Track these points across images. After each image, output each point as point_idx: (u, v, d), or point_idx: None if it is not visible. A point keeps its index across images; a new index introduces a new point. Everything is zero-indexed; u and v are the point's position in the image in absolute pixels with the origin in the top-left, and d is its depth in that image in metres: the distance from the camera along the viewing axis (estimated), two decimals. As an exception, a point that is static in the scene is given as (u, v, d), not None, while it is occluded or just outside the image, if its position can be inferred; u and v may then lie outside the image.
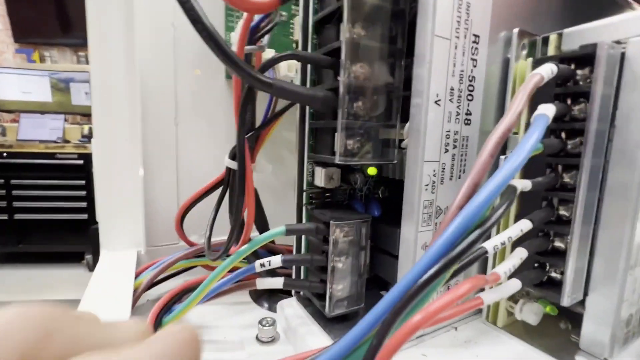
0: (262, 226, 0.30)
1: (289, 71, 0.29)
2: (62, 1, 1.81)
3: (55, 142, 1.64)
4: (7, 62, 1.90)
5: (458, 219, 0.13)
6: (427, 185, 0.19)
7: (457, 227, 0.13)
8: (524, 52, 0.21)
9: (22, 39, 1.88)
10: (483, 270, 0.22)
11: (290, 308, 0.24)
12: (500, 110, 0.21)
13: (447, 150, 0.19)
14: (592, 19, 0.20)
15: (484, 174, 0.14)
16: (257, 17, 0.22)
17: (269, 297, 0.29)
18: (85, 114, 1.91)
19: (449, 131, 0.19)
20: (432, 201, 0.19)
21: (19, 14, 1.83)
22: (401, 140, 0.21)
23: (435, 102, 0.18)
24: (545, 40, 0.21)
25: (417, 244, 0.19)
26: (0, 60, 1.90)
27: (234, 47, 0.21)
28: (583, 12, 0.24)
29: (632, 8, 0.29)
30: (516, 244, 0.19)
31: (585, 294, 0.19)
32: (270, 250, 0.31)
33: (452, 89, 0.19)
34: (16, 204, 1.49)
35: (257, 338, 0.24)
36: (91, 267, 1.55)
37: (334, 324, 0.22)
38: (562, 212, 0.19)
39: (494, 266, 0.22)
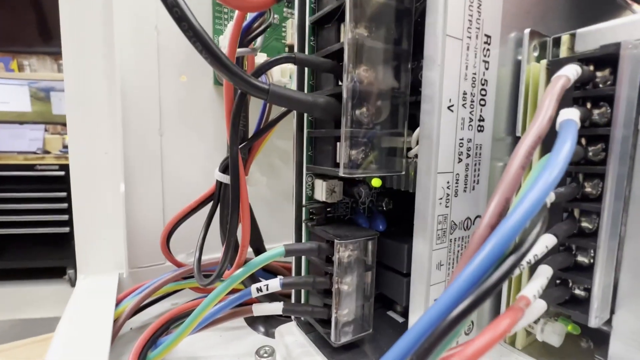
0: (257, 243, 0.28)
1: (282, 76, 0.27)
2: (41, 8, 1.76)
3: (34, 153, 1.57)
4: (-18, 72, 1.83)
5: (492, 240, 0.11)
6: (441, 198, 0.17)
7: (491, 251, 0.11)
8: (535, 54, 0.20)
9: (0, 47, 1.81)
10: (498, 292, 0.21)
11: (291, 335, 0.22)
12: (513, 116, 0.20)
13: (460, 160, 0.18)
14: (596, 20, 0.19)
15: (515, 187, 0.12)
16: (248, 18, 0.20)
17: (266, 321, 0.27)
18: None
19: (462, 139, 0.17)
20: (446, 216, 0.18)
21: (-4, 21, 1.76)
22: (409, 149, 0.20)
23: (448, 107, 0.17)
24: (557, 41, 0.19)
25: (431, 263, 0.17)
26: (-24, 69, 1.83)
27: (224, 50, 0.19)
28: (588, 12, 0.23)
29: (631, 10, 0.29)
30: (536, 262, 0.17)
31: (612, 311, 0.18)
32: (266, 269, 0.28)
33: (464, 93, 0.17)
34: (-7, 218, 1.41)
35: (254, 370, 0.21)
36: (73, 283, 1.48)
37: (340, 353, 0.20)
38: (585, 224, 0.18)
39: (509, 287, 0.20)
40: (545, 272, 0.16)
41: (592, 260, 0.17)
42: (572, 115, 0.14)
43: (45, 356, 0.19)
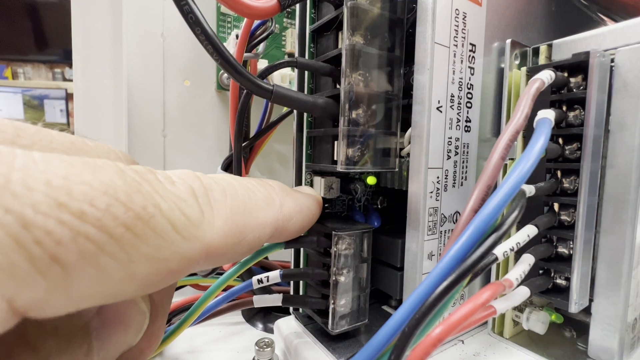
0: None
1: (282, 82, 0.28)
2: (37, 17, 1.77)
3: (26, 161, 1.56)
4: (-24, 79, 1.82)
5: (475, 222, 0.12)
6: (431, 192, 0.18)
7: (474, 231, 0.12)
8: (517, 62, 0.21)
9: (-6, 55, 1.81)
10: (486, 281, 0.22)
11: (289, 327, 0.23)
12: (497, 118, 0.22)
13: (449, 157, 0.19)
14: (573, 33, 0.20)
15: (497, 176, 0.13)
16: (252, 25, 0.21)
17: (264, 317, 0.28)
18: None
19: (450, 138, 0.19)
20: (436, 209, 0.19)
21: (-8, 29, 1.77)
22: (401, 149, 0.21)
23: (437, 108, 0.18)
24: (536, 51, 0.21)
25: (423, 253, 0.19)
26: (-31, 76, 1.82)
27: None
28: (564, 26, 0.26)
29: (605, 24, 0.31)
30: (519, 251, 0.19)
31: (591, 299, 0.19)
32: (264, 266, 0.29)
33: (452, 95, 0.19)
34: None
35: (253, 361, 0.22)
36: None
37: (337, 342, 0.20)
38: (564, 217, 0.19)
39: (497, 276, 0.21)
40: (527, 260, 0.17)
41: (570, 251, 0.19)
42: (547, 114, 0.16)
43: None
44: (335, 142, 0.20)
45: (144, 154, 0.30)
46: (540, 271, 0.20)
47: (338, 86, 0.20)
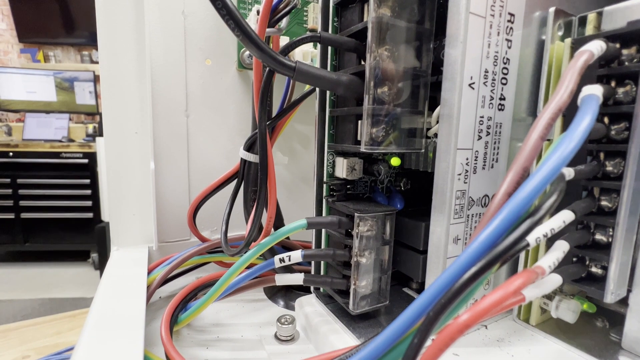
0: (277, 222, 0.29)
1: (304, 59, 0.28)
2: (65, 1, 1.81)
3: (60, 141, 1.65)
4: (12, 62, 1.91)
5: (509, 206, 0.11)
6: (459, 174, 0.18)
7: (507, 216, 0.11)
8: (560, 33, 0.19)
9: (27, 38, 1.89)
10: (514, 267, 0.21)
11: (310, 306, 0.23)
12: (534, 96, 0.20)
13: (480, 138, 0.18)
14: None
15: (534, 158, 0.12)
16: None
17: (285, 295, 0.28)
18: (90, 113, 1.91)
19: (482, 117, 0.18)
20: (464, 192, 0.18)
21: (23, 14, 1.84)
22: (428, 129, 0.20)
23: (470, 85, 0.17)
24: (583, 20, 0.19)
25: (448, 237, 0.18)
26: (5, 60, 1.91)
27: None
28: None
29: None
30: (553, 237, 0.18)
31: (629, 290, 0.18)
32: (285, 246, 0.30)
33: (486, 71, 0.17)
34: (22, 203, 1.51)
35: (275, 336, 0.23)
36: (97, 266, 1.56)
37: (357, 321, 0.21)
38: (605, 202, 0.18)
39: (525, 262, 0.20)
40: (561, 247, 0.16)
41: (610, 239, 0.18)
42: (594, 90, 0.14)
43: (87, 316, 0.21)
44: (359, 122, 0.19)
45: (168, 134, 0.30)
46: (574, 259, 0.19)
47: (363, 62, 0.19)
